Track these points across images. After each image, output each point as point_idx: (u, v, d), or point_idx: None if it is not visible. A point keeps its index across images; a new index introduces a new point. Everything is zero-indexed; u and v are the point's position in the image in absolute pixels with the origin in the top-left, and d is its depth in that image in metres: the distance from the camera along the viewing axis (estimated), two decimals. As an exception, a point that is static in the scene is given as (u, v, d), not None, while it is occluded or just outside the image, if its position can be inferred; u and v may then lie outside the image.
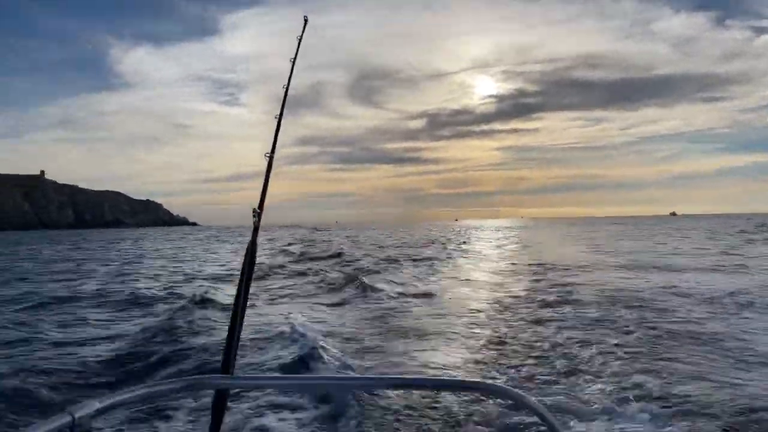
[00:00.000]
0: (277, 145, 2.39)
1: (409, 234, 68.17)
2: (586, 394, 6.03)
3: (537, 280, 16.56)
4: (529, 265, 21.55)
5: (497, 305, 12.34)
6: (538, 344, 8.46)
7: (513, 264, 22.85)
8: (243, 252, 2.05)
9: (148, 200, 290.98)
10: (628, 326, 9.39)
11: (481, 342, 8.79)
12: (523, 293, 14.02)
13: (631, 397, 5.75)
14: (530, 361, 7.57)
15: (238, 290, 1.99)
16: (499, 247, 37.82)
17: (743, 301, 11.65)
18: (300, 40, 2.69)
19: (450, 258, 27.03)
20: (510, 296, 13.63)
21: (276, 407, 5.52)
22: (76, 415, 1.12)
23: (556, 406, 5.60)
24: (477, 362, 7.70)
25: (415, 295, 14.15)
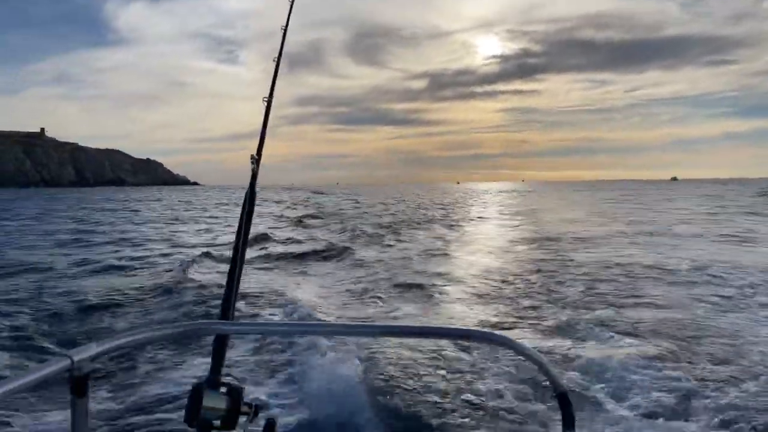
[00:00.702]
0: (275, 103, 2.35)
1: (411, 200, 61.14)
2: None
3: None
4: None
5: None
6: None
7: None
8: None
9: (148, 159, 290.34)
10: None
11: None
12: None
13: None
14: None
15: (237, 235, 1.99)
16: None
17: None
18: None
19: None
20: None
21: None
22: (75, 358, 1.12)
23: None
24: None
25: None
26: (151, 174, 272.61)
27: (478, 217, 30.87)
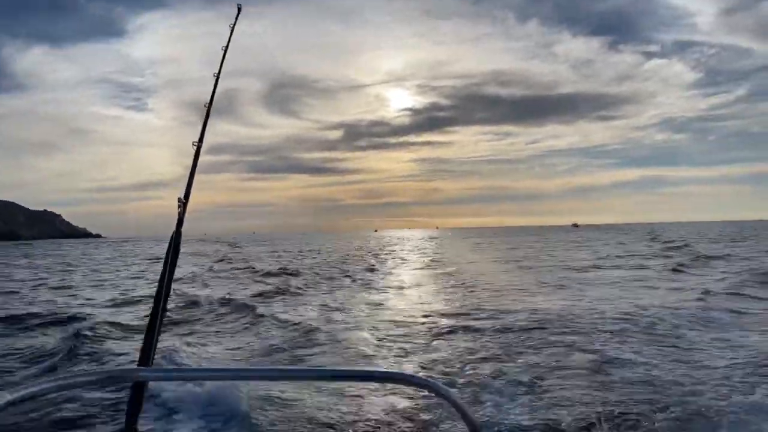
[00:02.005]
0: (186, 152, 2.38)
1: (339, 247, 60.22)
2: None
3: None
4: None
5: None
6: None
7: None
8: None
9: (45, 210, 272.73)
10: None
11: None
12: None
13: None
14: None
15: (161, 280, 1.99)
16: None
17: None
18: (233, 28, 2.69)
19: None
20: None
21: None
22: None
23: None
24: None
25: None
26: (48, 226, 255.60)
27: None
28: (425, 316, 11.30)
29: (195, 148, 2.31)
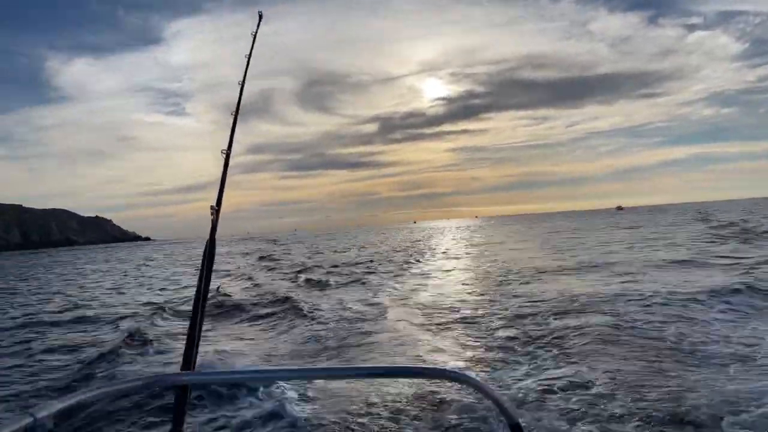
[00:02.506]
0: (228, 143, 2.42)
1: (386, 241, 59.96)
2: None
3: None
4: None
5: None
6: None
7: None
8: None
9: (96, 216, 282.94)
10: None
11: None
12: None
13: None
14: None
15: (198, 286, 2.02)
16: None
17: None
18: (255, 35, 2.71)
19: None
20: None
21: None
22: (38, 416, 1.11)
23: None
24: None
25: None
26: (100, 232, 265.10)
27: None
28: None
29: (224, 156, 2.34)
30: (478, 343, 8.16)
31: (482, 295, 13.10)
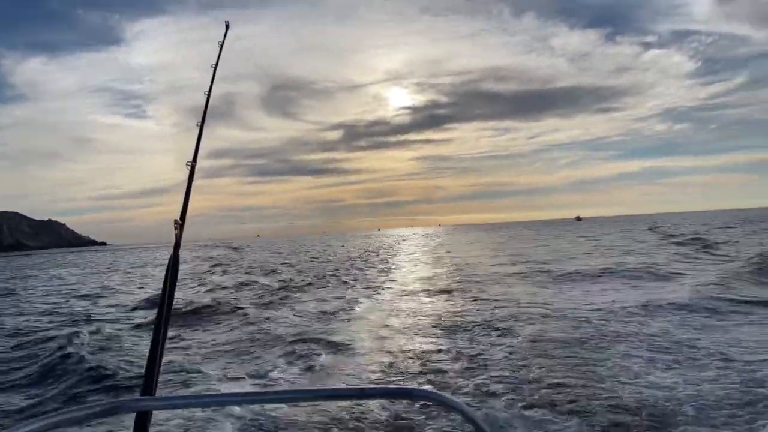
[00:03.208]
0: (188, 156, 2.33)
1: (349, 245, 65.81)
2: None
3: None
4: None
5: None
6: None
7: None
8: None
9: (50, 220, 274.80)
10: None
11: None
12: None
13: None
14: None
15: (160, 306, 1.92)
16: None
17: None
18: (222, 45, 2.65)
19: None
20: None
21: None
22: None
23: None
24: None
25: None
26: (53, 236, 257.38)
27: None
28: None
29: (189, 168, 2.25)
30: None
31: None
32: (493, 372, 7.05)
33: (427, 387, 6.35)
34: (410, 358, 8.18)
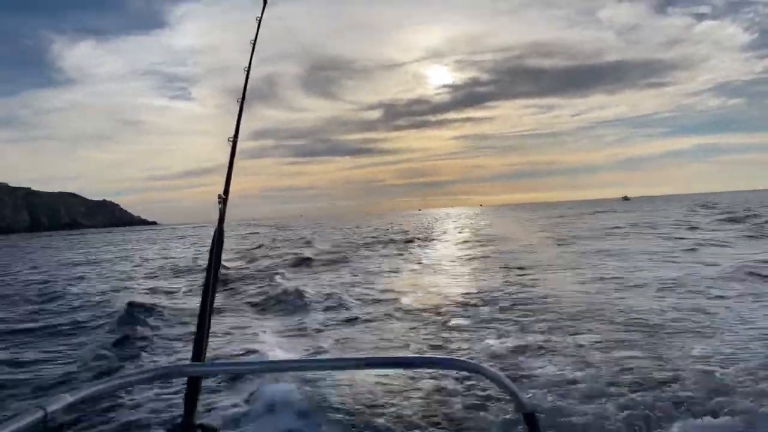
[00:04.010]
0: (232, 138, 2.39)
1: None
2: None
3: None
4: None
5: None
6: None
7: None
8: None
9: (104, 200, 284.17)
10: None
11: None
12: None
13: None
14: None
15: (207, 277, 2.00)
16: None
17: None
18: (260, 21, 2.69)
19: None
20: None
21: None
22: (49, 410, 1.11)
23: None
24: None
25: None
26: (107, 215, 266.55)
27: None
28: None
29: (231, 143, 2.31)
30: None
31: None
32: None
33: (466, 358, 6.49)
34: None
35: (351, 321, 9.77)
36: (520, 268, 15.61)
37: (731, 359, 6.16)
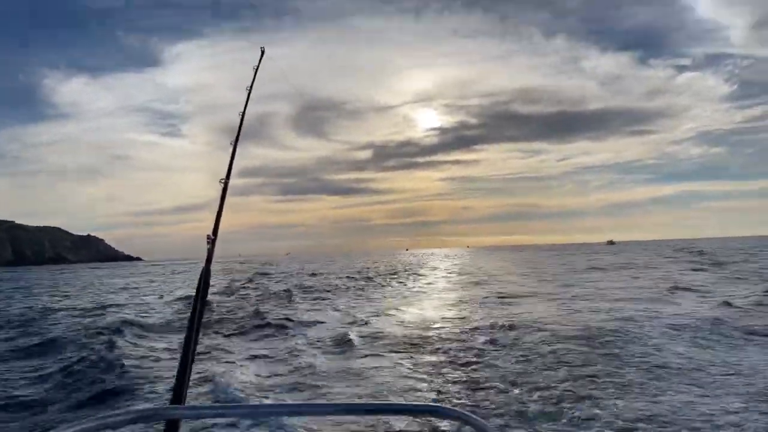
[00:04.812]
0: (219, 174, 2.41)
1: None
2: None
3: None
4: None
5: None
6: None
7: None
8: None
9: (89, 235, 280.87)
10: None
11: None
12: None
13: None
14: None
15: (191, 318, 1.97)
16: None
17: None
18: (256, 70, 2.76)
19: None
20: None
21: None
22: None
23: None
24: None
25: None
26: (92, 250, 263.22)
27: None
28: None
29: (222, 185, 2.33)
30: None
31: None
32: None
33: (454, 406, 6.42)
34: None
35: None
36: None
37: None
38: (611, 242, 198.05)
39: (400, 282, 29.64)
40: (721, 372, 7.75)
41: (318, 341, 11.49)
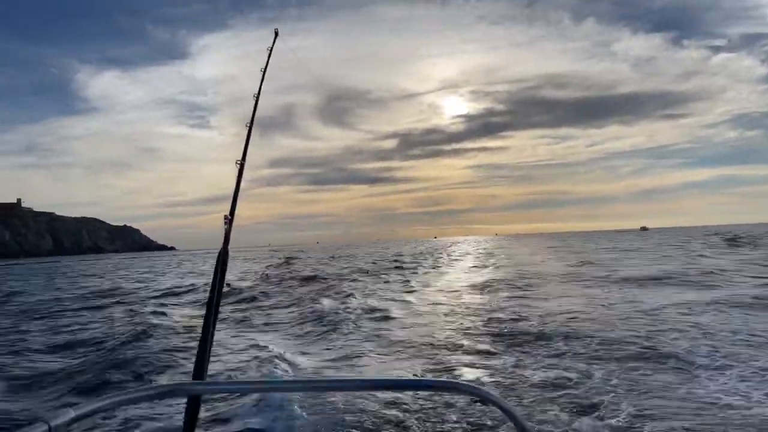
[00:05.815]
0: (249, 165, 2.47)
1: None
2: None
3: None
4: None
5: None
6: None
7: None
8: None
9: (125, 226, 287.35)
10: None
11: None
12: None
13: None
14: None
15: (210, 296, 2.05)
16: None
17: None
18: (270, 51, 2.79)
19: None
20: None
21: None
22: (52, 424, 1.13)
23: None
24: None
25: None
26: (127, 240, 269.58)
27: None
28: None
29: (238, 166, 2.39)
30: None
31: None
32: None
33: (466, 380, 6.62)
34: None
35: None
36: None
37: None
38: (644, 228, 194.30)
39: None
40: None
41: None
